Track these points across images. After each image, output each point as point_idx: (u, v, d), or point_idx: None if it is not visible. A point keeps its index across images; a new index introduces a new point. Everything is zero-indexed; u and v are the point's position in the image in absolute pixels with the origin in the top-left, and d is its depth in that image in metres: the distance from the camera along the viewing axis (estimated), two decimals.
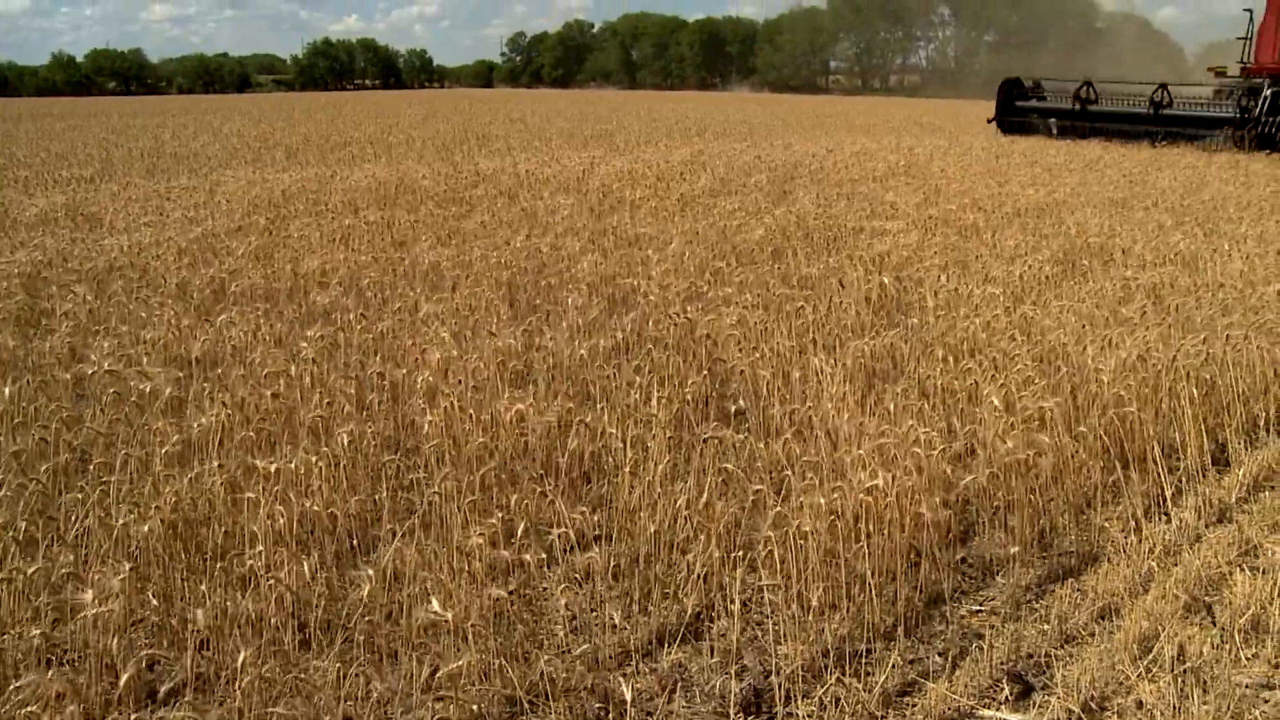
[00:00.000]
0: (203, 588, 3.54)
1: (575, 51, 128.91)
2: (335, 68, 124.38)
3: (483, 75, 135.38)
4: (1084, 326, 6.27)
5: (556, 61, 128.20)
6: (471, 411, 4.74)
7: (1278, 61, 22.56)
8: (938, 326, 6.42)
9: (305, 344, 5.73)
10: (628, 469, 4.36)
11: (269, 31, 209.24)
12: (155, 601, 3.53)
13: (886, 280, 7.25)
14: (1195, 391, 5.39)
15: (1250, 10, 23.15)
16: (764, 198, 11.98)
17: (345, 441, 4.45)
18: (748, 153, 18.33)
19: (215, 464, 4.13)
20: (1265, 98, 20.24)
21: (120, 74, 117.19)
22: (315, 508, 3.95)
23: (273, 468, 4.03)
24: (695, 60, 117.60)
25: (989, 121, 26.73)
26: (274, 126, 30.55)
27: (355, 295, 7.32)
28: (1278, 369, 6.23)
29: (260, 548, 3.58)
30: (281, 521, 3.70)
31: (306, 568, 3.51)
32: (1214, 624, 3.76)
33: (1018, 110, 26.03)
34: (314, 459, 4.16)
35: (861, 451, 4.29)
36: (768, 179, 13.77)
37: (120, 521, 3.71)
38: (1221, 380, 5.77)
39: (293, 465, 4.10)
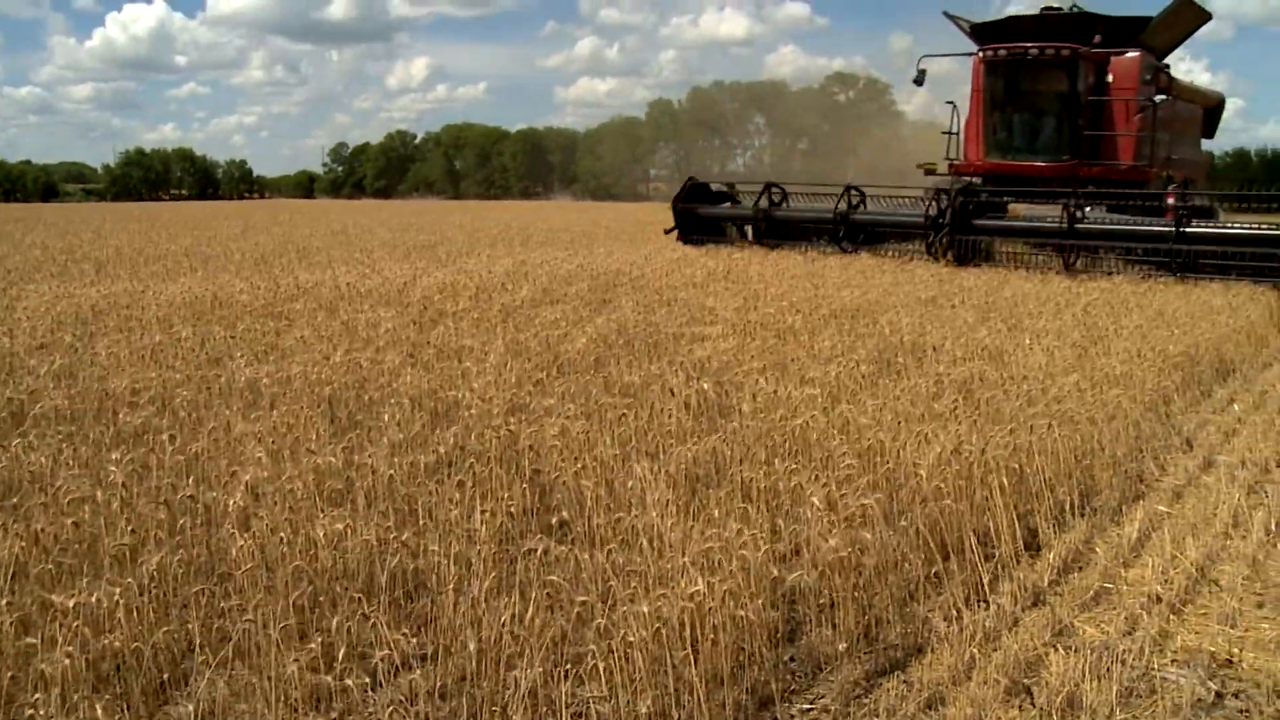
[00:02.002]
0: None
1: (398, 162, 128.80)
2: (150, 177, 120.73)
3: (304, 186, 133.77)
4: (900, 423, 6.48)
5: (379, 172, 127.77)
6: (285, 535, 4.60)
7: (984, 158, 21.53)
8: (758, 429, 6.55)
9: (112, 467, 5.48)
10: (451, 586, 4.30)
11: (78, 139, 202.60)
12: None
13: (707, 385, 7.38)
14: (1005, 481, 5.65)
15: (953, 103, 22.07)
16: (585, 306, 12.11)
17: (154, 569, 4.27)
18: (570, 261, 18.53)
19: (4, 602, 3.89)
20: (956, 197, 18.30)
21: None
22: (117, 643, 3.76)
23: (70, 602, 3.82)
24: (518, 170, 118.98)
25: (667, 232, 23.71)
26: (82, 238, 29.47)
27: (168, 415, 7.06)
28: (1078, 455, 6.59)
29: (55, 690, 3.38)
30: (79, 660, 3.51)
31: (100, 710, 3.31)
32: (1033, 705, 3.91)
33: (701, 218, 23.17)
34: (118, 590, 3.96)
35: (686, 558, 4.32)
36: (589, 287, 13.93)
37: None
38: (1029, 468, 6.06)
39: (94, 598, 3.91)
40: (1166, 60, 22.09)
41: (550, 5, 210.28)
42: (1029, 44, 20.19)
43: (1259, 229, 16.07)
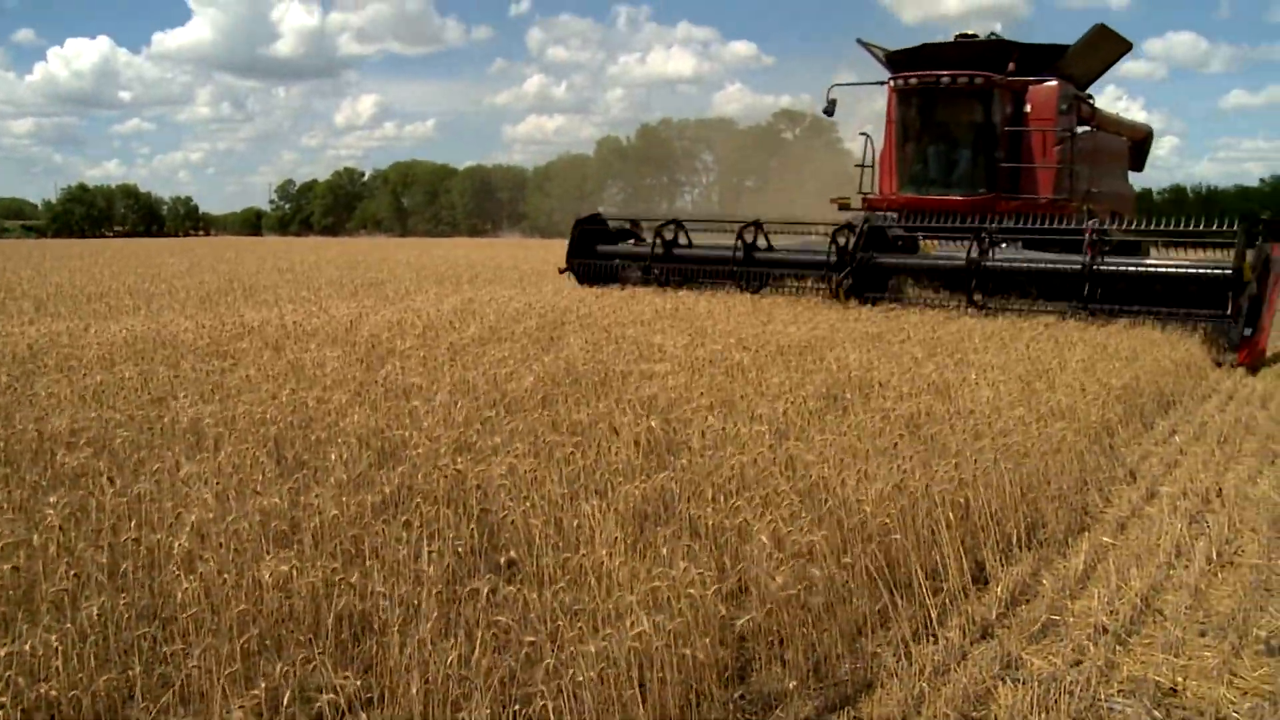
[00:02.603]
0: None
1: (346, 199, 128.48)
2: (92, 214, 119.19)
3: (251, 223, 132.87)
4: (846, 459, 6.50)
5: (326, 209, 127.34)
6: (230, 577, 4.54)
7: (898, 192, 20.60)
8: (706, 466, 6.54)
9: (50, 510, 5.36)
10: (397, 627, 4.25)
11: (19, 175, 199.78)
12: None
13: (655, 423, 7.37)
14: (952, 515, 5.69)
15: (868, 134, 21.36)
16: (533, 344, 12.06)
17: (94, 615, 4.18)
18: (518, 299, 18.48)
19: None
20: (861, 233, 17.24)
21: None
22: (54, 691, 3.67)
23: (2, 651, 3.73)
24: (466, 207, 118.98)
25: (561, 271, 22.03)
26: (21, 275, 29.05)
27: (108, 456, 6.94)
28: (1024, 488, 6.65)
29: None
30: (12, 711, 3.43)
31: None
32: None
33: (600, 255, 21.41)
34: (54, 637, 3.88)
35: (634, 596, 4.30)
36: (537, 325, 13.89)
37: None
38: (975, 502, 6.10)
39: (29, 645, 3.82)
40: (1090, 92, 21.72)
41: (498, 43, 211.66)
42: (941, 72, 19.51)
43: (1177, 265, 15.20)
